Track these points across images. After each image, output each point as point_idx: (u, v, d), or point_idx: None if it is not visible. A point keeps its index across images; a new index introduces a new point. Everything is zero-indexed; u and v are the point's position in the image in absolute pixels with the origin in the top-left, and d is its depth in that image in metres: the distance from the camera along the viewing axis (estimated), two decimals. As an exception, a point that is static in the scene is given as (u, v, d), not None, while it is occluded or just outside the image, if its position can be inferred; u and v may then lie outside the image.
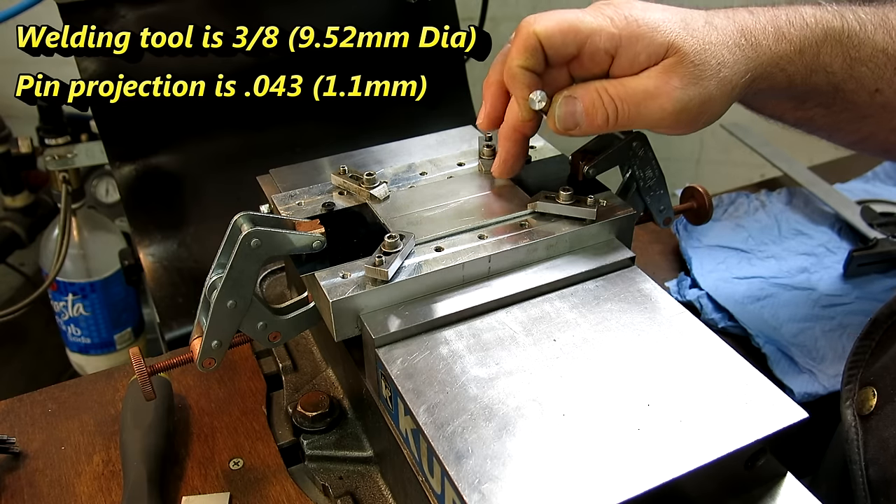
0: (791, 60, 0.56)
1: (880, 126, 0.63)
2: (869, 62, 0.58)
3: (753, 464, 0.46)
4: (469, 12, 1.22)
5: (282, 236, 0.51)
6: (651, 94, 0.53)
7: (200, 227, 1.00)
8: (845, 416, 0.59)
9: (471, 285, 0.55)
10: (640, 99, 0.53)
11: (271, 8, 1.02)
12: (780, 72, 0.56)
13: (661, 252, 0.91)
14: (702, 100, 0.53)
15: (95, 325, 1.31)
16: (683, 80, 0.53)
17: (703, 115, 0.55)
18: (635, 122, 0.55)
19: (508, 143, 0.59)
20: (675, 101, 0.53)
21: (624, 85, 0.54)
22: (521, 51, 0.54)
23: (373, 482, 0.58)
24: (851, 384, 0.60)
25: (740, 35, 0.55)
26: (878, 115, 0.62)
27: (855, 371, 0.61)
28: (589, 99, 0.54)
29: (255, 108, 0.99)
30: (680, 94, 0.53)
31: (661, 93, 0.53)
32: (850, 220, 0.91)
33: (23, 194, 1.32)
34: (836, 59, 0.57)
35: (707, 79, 0.53)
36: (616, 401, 0.47)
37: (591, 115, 0.55)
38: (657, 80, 0.53)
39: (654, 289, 0.56)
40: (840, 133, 0.66)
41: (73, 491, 0.59)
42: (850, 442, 0.57)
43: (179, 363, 0.55)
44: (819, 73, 0.58)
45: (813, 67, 0.57)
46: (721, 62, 0.53)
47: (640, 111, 0.54)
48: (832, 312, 0.79)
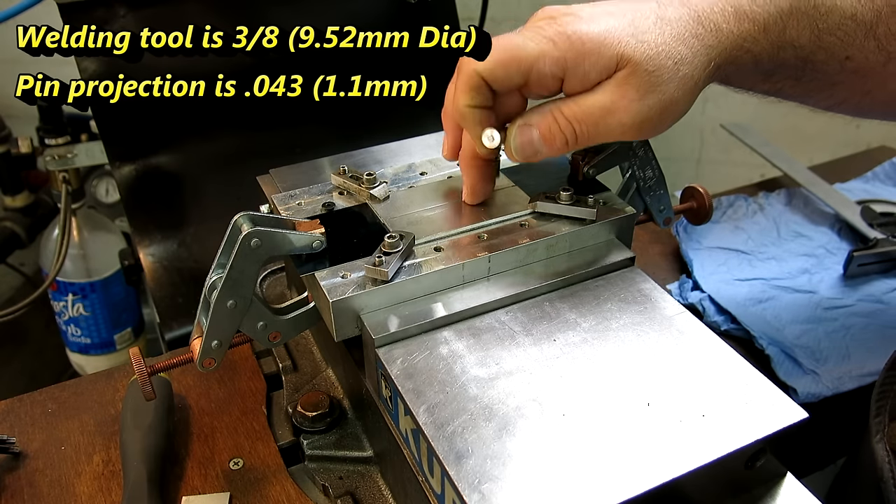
0: (755, 40, 0.53)
1: (852, 91, 0.60)
2: (837, 31, 0.55)
3: (753, 464, 0.46)
4: (469, 12, 1.22)
5: (282, 236, 0.51)
6: (608, 110, 0.51)
7: (200, 227, 1.00)
8: (877, 451, 0.56)
9: (471, 285, 0.55)
10: (598, 117, 0.51)
11: (271, 8, 1.03)
12: (745, 53, 0.53)
13: (662, 253, 0.91)
14: (662, 106, 0.51)
15: (95, 325, 1.31)
16: (640, 91, 0.50)
17: (666, 120, 0.53)
18: (596, 140, 0.53)
19: (471, 171, 0.59)
20: (634, 114, 0.51)
21: (579, 105, 0.51)
22: (465, 90, 0.53)
23: (373, 482, 0.58)
24: (881, 416, 0.57)
25: (696, 23, 0.51)
26: (849, 80, 0.59)
27: (883, 402, 0.58)
28: (545, 125, 0.53)
29: (255, 108, 0.99)
30: (638, 105, 0.50)
31: (617, 108, 0.51)
32: (850, 220, 0.91)
33: (23, 194, 1.32)
34: (803, 32, 0.54)
35: (665, 83, 0.50)
36: (616, 401, 0.47)
37: (550, 141, 0.53)
38: (613, 94, 0.50)
39: (654, 289, 0.56)
40: (812, 100, 0.63)
41: (73, 491, 0.59)
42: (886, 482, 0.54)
43: (179, 363, 0.55)
44: (786, 49, 0.55)
45: (779, 44, 0.54)
46: (679, 60, 0.50)
47: (599, 129, 0.52)
48: (834, 314, 0.79)
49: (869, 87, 0.60)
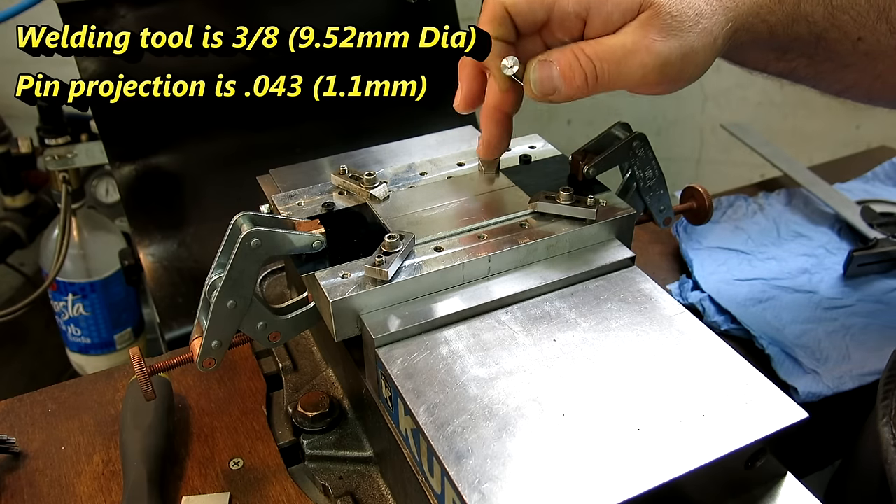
0: (771, 10, 0.55)
1: (864, 74, 0.62)
2: (850, 10, 0.57)
3: (753, 464, 0.46)
4: (469, 12, 1.22)
5: (282, 236, 0.51)
6: (630, 50, 0.51)
7: (200, 227, 1.00)
8: (883, 434, 0.56)
9: (471, 285, 0.55)
10: (620, 56, 0.51)
11: (271, 8, 1.03)
12: (762, 22, 0.55)
13: (661, 253, 0.91)
14: (683, 52, 0.52)
15: (95, 325, 1.31)
16: (662, 33, 0.51)
17: (687, 69, 0.53)
18: (617, 82, 0.53)
19: (490, 123, 0.59)
20: (656, 55, 0.51)
21: (601, 43, 0.52)
22: (489, 20, 0.53)
23: (373, 482, 0.58)
24: (888, 399, 0.57)
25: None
26: (861, 63, 0.60)
27: (892, 385, 0.58)
28: (566, 61, 0.52)
29: (255, 108, 0.99)
30: (660, 46, 0.51)
31: (640, 48, 0.51)
32: (850, 220, 0.91)
33: (23, 194, 1.32)
34: (817, 7, 0.56)
35: (686, 30, 0.51)
36: (616, 401, 0.47)
37: (570, 78, 0.53)
38: (635, 35, 0.51)
39: (654, 289, 0.56)
40: (824, 82, 0.64)
41: (73, 491, 0.59)
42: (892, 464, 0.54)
43: (179, 363, 0.55)
44: (801, 23, 0.56)
45: (794, 16, 0.56)
46: (699, 13, 0.52)
47: (621, 69, 0.52)
48: (834, 314, 0.79)
49: (880, 70, 0.60)
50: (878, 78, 0.62)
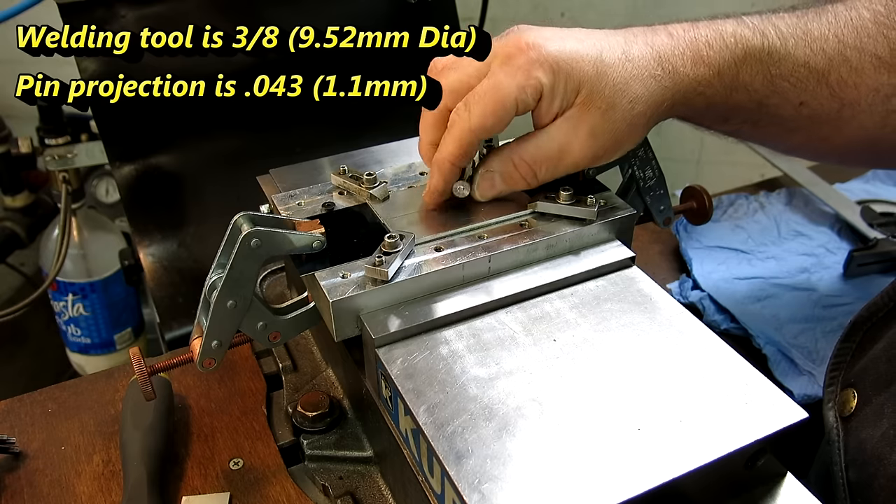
0: (709, 83, 0.56)
1: (809, 137, 0.63)
2: (790, 77, 0.58)
3: (753, 464, 0.46)
4: (469, 12, 1.22)
5: (282, 236, 0.51)
6: (564, 150, 0.55)
7: (200, 227, 1.00)
8: (827, 419, 0.59)
9: (471, 285, 0.55)
10: (556, 157, 0.55)
11: (271, 8, 1.03)
12: (698, 95, 0.57)
13: (661, 252, 0.91)
14: (614, 142, 0.55)
15: (95, 325, 1.31)
16: (594, 130, 0.54)
17: (619, 150, 0.57)
18: (555, 175, 0.57)
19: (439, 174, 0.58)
20: (588, 150, 0.55)
21: (537, 147, 0.55)
22: (458, 150, 0.55)
23: (373, 482, 0.58)
24: (833, 386, 0.61)
25: (657, 64, 0.55)
26: (805, 126, 0.61)
27: (836, 373, 0.61)
28: (506, 170, 0.57)
29: (255, 108, 0.99)
30: (591, 142, 0.54)
31: (572, 149, 0.55)
32: (850, 220, 0.91)
33: (23, 194, 1.32)
34: (756, 76, 0.57)
35: (617, 122, 0.54)
36: (616, 401, 0.47)
37: (511, 182, 0.57)
38: (567, 133, 0.54)
39: (654, 289, 0.56)
40: (770, 143, 0.67)
41: (73, 491, 0.59)
42: (832, 444, 0.58)
43: (179, 363, 0.55)
44: (740, 91, 0.58)
45: (732, 87, 0.57)
46: (634, 99, 0.54)
47: (557, 166, 0.56)
48: (833, 313, 0.79)
49: (826, 132, 0.62)
50: (825, 140, 0.63)
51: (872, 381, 0.57)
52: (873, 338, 0.60)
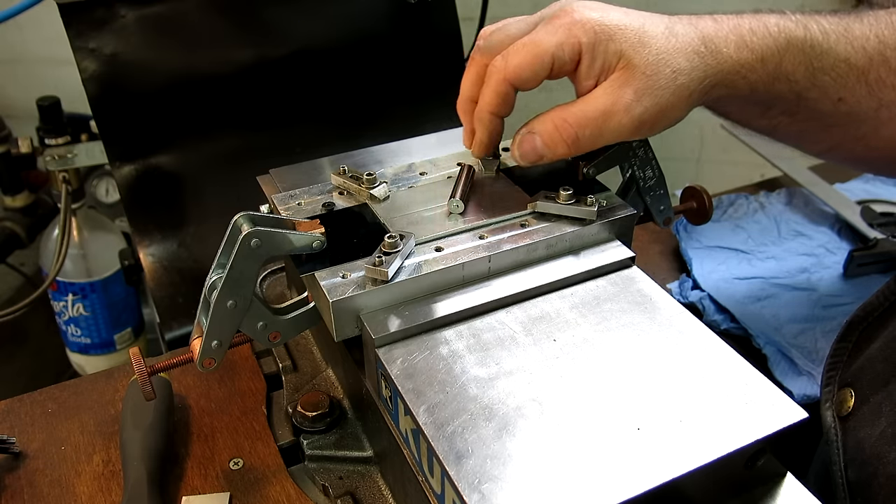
0: (753, 68, 0.57)
1: (846, 135, 0.63)
2: (831, 71, 0.58)
3: (753, 464, 0.46)
4: (469, 12, 1.22)
5: (282, 236, 0.51)
6: (608, 113, 0.54)
7: (200, 227, 1.00)
8: (825, 418, 0.60)
9: (471, 285, 0.55)
10: (600, 121, 0.54)
11: (271, 8, 1.02)
12: (742, 79, 0.57)
13: (661, 252, 0.91)
14: (658, 109, 0.54)
15: (95, 325, 1.31)
16: (637, 93, 0.53)
17: (661, 122, 0.56)
18: (598, 142, 0.56)
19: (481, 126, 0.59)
20: (632, 117, 0.54)
21: (582, 110, 0.55)
22: (495, 98, 0.56)
23: (373, 482, 0.58)
24: (830, 386, 0.61)
25: (701, 42, 0.55)
26: (843, 123, 0.62)
27: (833, 373, 0.61)
28: (547, 132, 0.56)
29: (255, 108, 0.99)
30: (636, 107, 0.54)
31: (617, 109, 0.54)
32: (850, 220, 0.91)
33: (23, 194, 1.32)
34: (798, 67, 0.58)
35: (661, 88, 0.54)
36: (616, 401, 0.47)
37: (552, 146, 0.56)
38: (612, 96, 0.54)
39: (654, 289, 0.56)
40: (807, 142, 0.66)
41: (73, 491, 0.59)
42: (831, 444, 0.58)
43: (179, 363, 0.55)
44: (781, 81, 0.58)
45: (775, 75, 0.57)
46: (677, 70, 0.54)
47: (602, 132, 0.55)
48: (833, 313, 0.79)
49: (863, 131, 0.62)
50: (861, 140, 0.63)
51: (869, 380, 0.57)
52: (869, 337, 0.60)
